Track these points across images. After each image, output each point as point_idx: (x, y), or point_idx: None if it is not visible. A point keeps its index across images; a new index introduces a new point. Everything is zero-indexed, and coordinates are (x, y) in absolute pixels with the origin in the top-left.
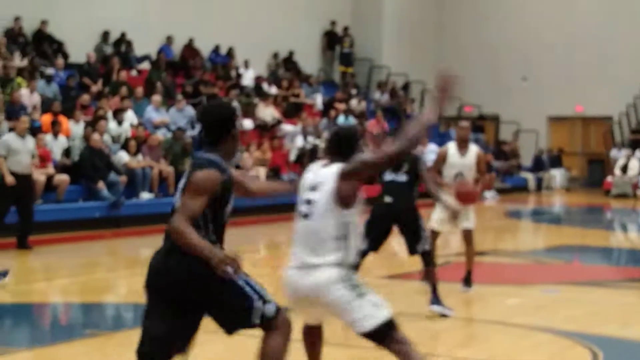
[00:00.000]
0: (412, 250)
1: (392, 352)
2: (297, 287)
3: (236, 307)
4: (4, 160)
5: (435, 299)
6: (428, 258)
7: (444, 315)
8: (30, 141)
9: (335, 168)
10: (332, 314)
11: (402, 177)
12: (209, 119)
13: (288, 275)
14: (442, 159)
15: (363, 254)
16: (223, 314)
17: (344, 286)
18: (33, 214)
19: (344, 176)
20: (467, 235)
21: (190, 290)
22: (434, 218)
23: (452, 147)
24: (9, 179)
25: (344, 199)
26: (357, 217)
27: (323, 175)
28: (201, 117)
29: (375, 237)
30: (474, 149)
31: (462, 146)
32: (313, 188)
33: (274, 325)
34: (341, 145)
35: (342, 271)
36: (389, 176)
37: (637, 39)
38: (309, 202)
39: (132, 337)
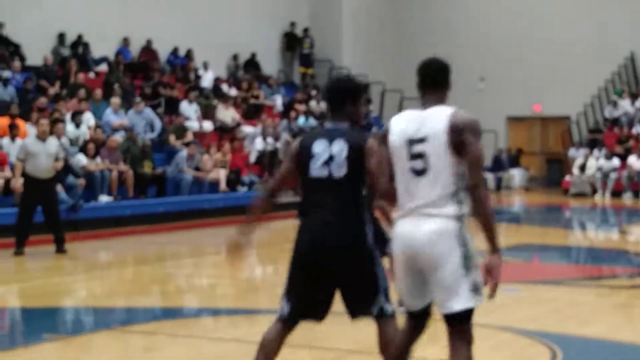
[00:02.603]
0: None
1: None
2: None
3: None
4: (21, 164)
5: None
6: None
7: None
8: (52, 144)
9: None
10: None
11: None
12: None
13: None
14: None
15: None
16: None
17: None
18: (59, 218)
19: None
20: None
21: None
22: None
23: None
24: (17, 183)
25: None
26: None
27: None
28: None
29: None
30: None
31: None
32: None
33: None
34: None
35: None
36: None
37: (593, 38)
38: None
39: (91, 341)
